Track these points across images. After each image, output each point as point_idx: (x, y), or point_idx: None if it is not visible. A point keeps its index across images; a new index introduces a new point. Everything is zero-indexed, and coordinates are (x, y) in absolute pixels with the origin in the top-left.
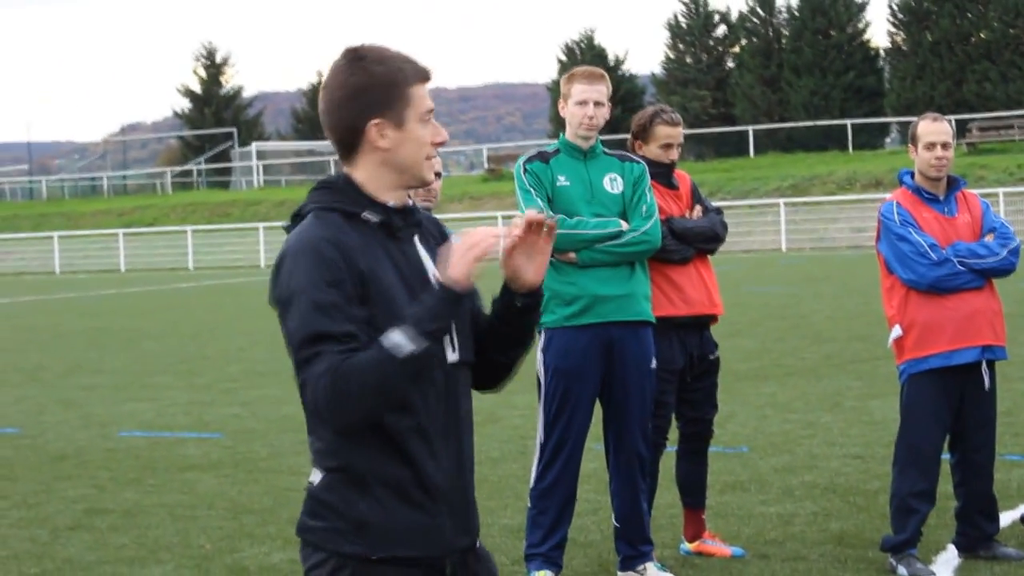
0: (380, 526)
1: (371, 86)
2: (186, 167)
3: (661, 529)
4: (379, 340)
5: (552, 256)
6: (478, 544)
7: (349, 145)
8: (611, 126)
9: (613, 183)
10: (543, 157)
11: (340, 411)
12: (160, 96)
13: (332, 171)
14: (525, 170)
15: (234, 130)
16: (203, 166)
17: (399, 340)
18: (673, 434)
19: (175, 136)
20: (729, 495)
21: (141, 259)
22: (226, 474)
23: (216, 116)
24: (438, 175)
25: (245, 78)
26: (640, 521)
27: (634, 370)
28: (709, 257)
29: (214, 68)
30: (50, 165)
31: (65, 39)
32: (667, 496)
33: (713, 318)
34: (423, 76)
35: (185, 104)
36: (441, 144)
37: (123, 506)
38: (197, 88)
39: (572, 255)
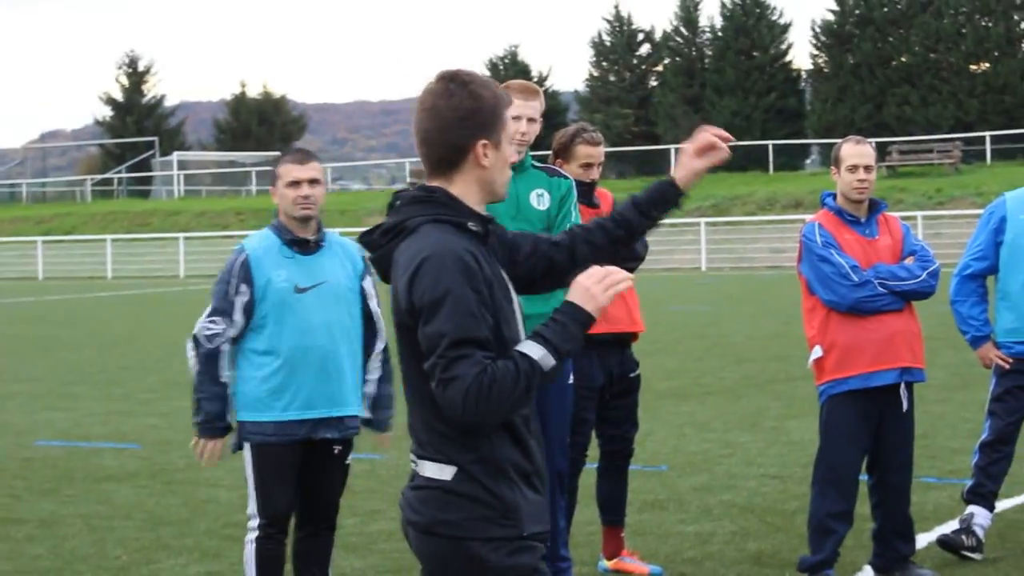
0: (522, 508)
1: (480, 110)
2: (107, 176)
3: (579, 546)
4: (523, 352)
5: None
6: None
7: (451, 162)
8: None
9: (540, 199)
10: None
11: (489, 411)
12: (81, 104)
13: (254, 183)
14: None
15: (156, 139)
16: (124, 175)
17: (542, 354)
18: (593, 451)
19: (96, 144)
20: (648, 513)
21: (60, 267)
22: (143, 485)
23: (138, 125)
24: (316, 182)
25: (167, 87)
26: (557, 538)
27: (551, 387)
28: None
29: (136, 76)
30: None
31: None
32: (586, 513)
33: (633, 336)
34: (511, 101)
35: (107, 112)
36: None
37: (39, 516)
38: (119, 96)
39: None
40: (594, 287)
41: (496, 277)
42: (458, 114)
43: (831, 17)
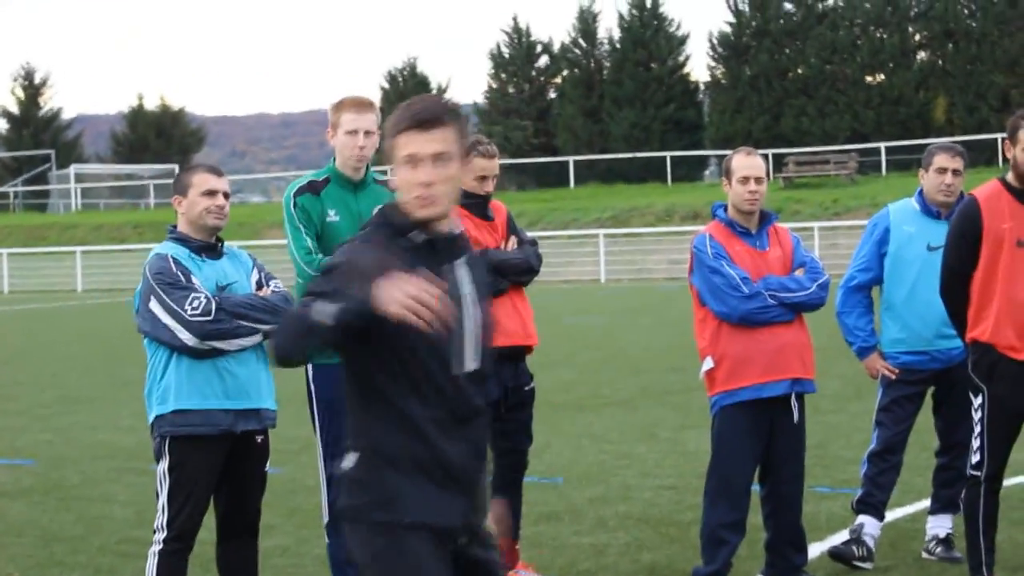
0: (407, 496)
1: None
2: (2, 189)
3: None
4: (313, 303)
5: None
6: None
7: None
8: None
9: None
10: (313, 188)
11: (279, 338)
12: None
13: (152, 196)
14: (295, 203)
15: (52, 152)
16: (20, 188)
17: (328, 311)
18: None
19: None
20: (543, 525)
21: None
22: (36, 501)
23: (34, 138)
24: (227, 195)
25: (64, 100)
26: None
27: None
28: (524, 288)
29: (32, 89)
30: None
31: None
32: None
33: (528, 349)
34: (409, 125)
35: (2, 125)
36: (426, 184)
37: None
38: (15, 109)
39: None
40: (397, 292)
41: (443, 278)
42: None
43: (728, 29)
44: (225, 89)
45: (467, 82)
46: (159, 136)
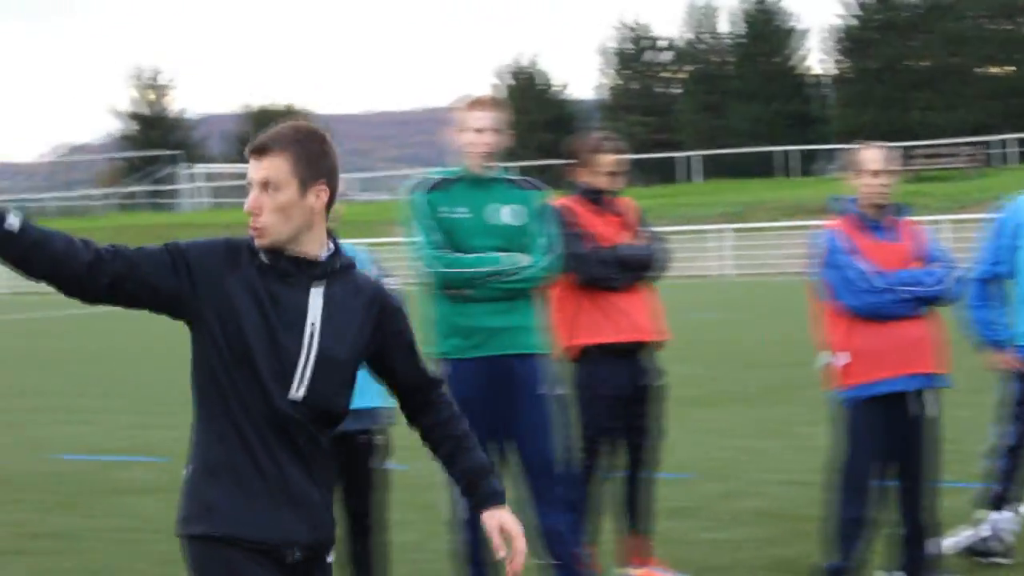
0: (220, 508)
1: None
2: (129, 189)
3: (607, 555)
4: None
5: (443, 289)
6: (330, 559)
7: None
8: (544, 151)
9: (511, 214)
10: (440, 185)
11: None
12: (104, 117)
13: None
14: (419, 200)
15: (178, 152)
16: (147, 188)
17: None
18: (620, 460)
19: (119, 157)
20: (673, 521)
21: None
22: (170, 498)
23: (161, 137)
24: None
25: (188, 100)
26: (561, 538)
27: (525, 399)
28: (651, 284)
29: (158, 89)
30: None
31: (8, 59)
32: (612, 522)
33: (657, 344)
34: (253, 150)
35: (128, 126)
36: (248, 212)
37: (63, 530)
38: (141, 109)
39: (462, 289)
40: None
41: (286, 312)
42: None
43: (851, 22)
44: (347, 87)
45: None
46: None
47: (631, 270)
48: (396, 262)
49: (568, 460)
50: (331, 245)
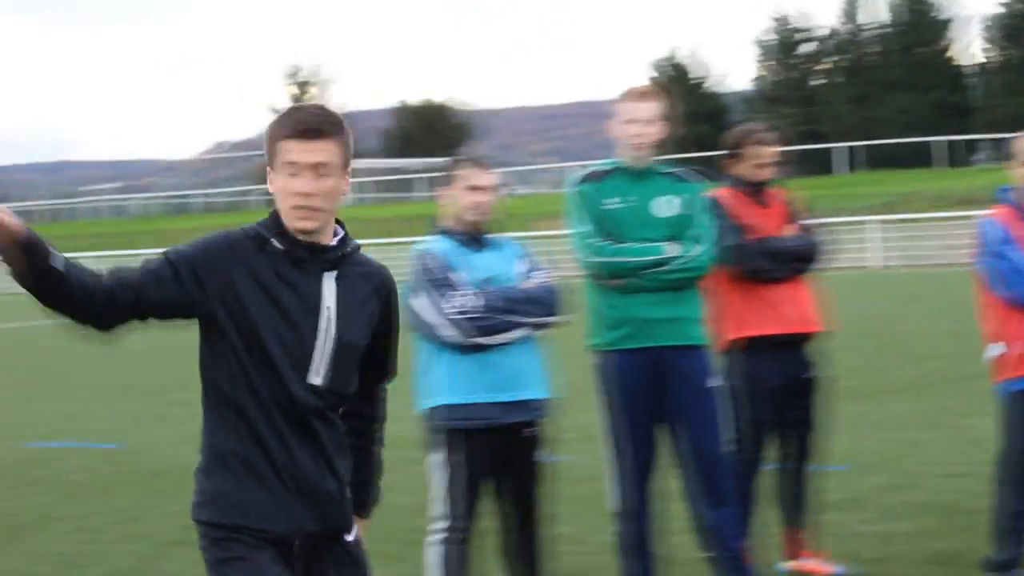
0: (231, 497)
1: (264, 139)
2: None
3: (761, 548)
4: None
5: (599, 280)
6: (350, 538)
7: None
8: (699, 143)
9: (666, 205)
10: (595, 177)
11: None
12: (250, 114)
13: (421, 192)
14: (577, 191)
15: None
16: None
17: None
18: (780, 452)
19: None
20: (830, 513)
21: None
22: None
23: None
24: (494, 190)
25: (333, 96)
26: (723, 531)
27: (690, 391)
28: (806, 276)
29: (303, 86)
30: (142, 183)
31: (159, 57)
32: (768, 514)
33: (811, 336)
34: (292, 132)
35: None
36: (301, 194)
37: None
38: (288, 106)
39: (616, 280)
40: None
41: (297, 299)
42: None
43: (1001, 11)
44: (491, 83)
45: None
46: (427, 130)
47: (790, 262)
48: (553, 255)
49: (729, 453)
50: (339, 230)
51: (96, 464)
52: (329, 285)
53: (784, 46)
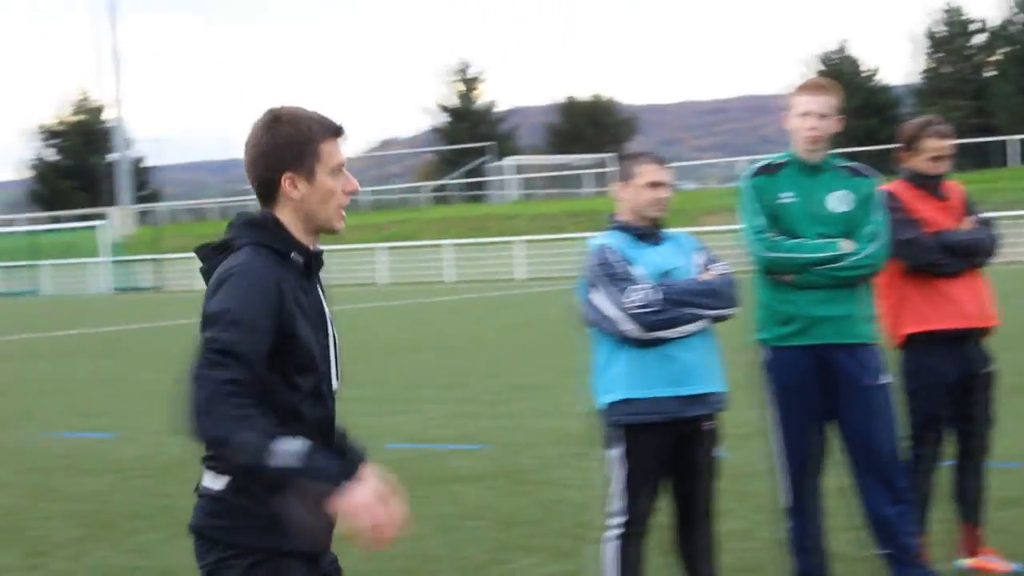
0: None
1: (282, 145)
2: (442, 181)
3: (937, 544)
4: (279, 437)
5: (769, 275)
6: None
7: (265, 194)
8: (867, 136)
9: (840, 200)
10: (769, 170)
11: (205, 422)
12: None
13: (587, 188)
14: (749, 185)
15: (490, 144)
16: (459, 180)
17: (286, 449)
18: (950, 449)
19: (431, 151)
20: (1006, 510)
21: (399, 273)
22: (493, 485)
23: (471, 130)
24: (670, 186)
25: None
26: (893, 529)
27: (860, 389)
28: (981, 269)
29: (469, 83)
30: None
31: (322, 56)
32: (943, 511)
33: (987, 331)
34: (333, 132)
35: (441, 119)
36: (353, 192)
37: None
38: (452, 103)
39: (788, 275)
40: (361, 506)
41: (313, 309)
42: (262, 150)
43: None
44: (656, 77)
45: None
46: (592, 126)
47: (961, 256)
48: (720, 251)
49: (898, 449)
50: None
51: None
52: (319, 289)
53: (943, 38)
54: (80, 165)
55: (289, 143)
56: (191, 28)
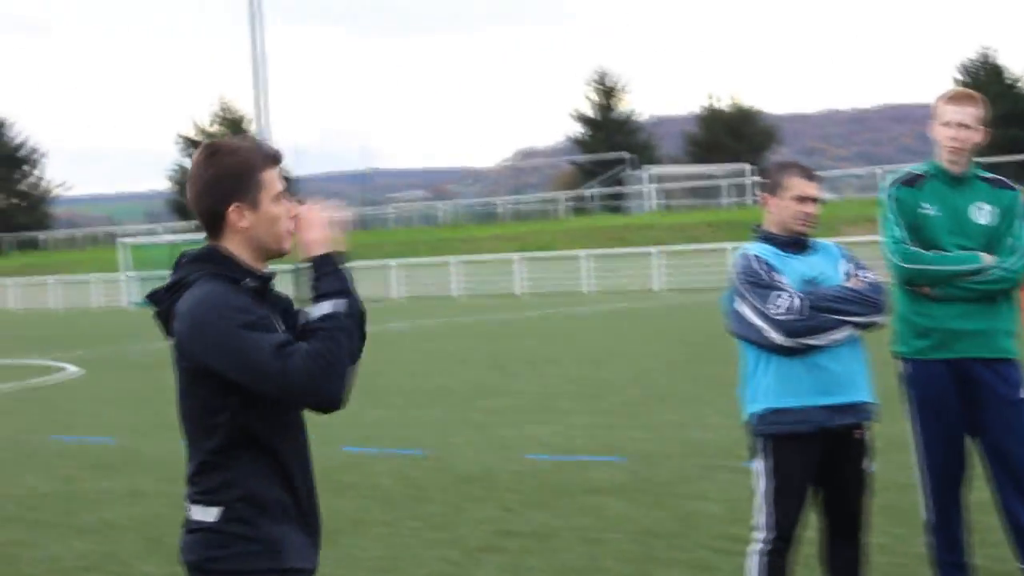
0: (285, 543)
1: (224, 177)
2: (580, 191)
3: None
4: (319, 315)
5: (908, 287)
6: None
7: (213, 226)
8: (1011, 145)
9: (981, 212)
10: (911, 181)
11: (335, 373)
12: (554, 122)
13: (726, 198)
14: (890, 195)
15: (627, 154)
16: (597, 190)
17: (333, 304)
18: None
19: (569, 161)
20: None
21: (536, 283)
22: (632, 498)
23: (610, 140)
24: (816, 200)
25: (638, 102)
26: None
27: (1001, 404)
28: None
29: (608, 93)
30: (447, 191)
31: (461, 68)
32: None
33: None
34: (272, 160)
35: (579, 129)
36: (296, 217)
37: (532, 528)
38: (591, 113)
39: (927, 288)
40: (306, 236)
41: (268, 316)
42: (206, 183)
43: None
44: (796, 86)
45: None
46: (732, 136)
47: None
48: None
49: None
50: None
51: (408, 469)
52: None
53: None
54: None
55: (232, 174)
56: (333, 39)
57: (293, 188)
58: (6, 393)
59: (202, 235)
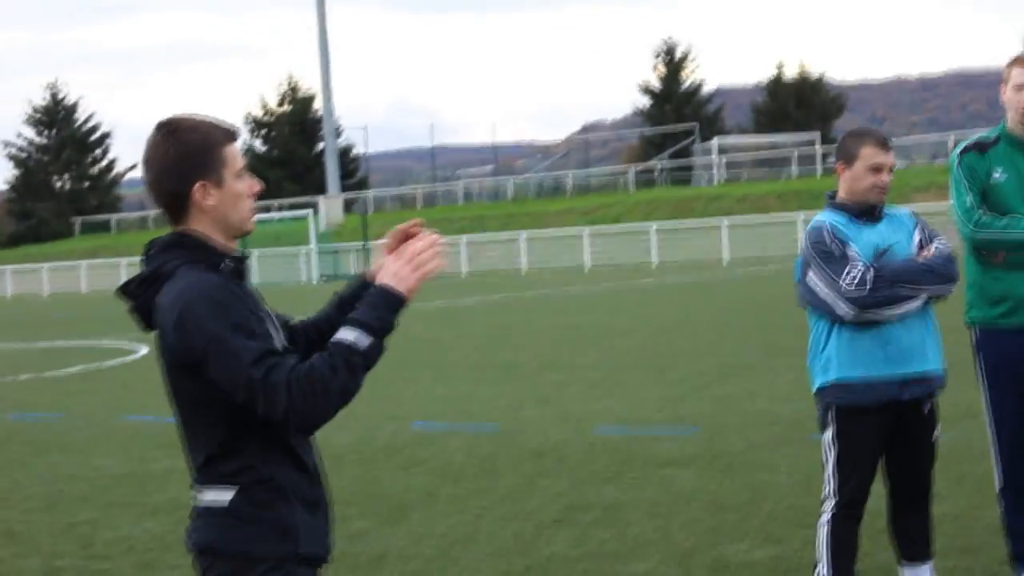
0: (299, 527)
1: (188, 155)
2: (648, 164)
3: None
4: (336, 339)
5: (979, 254)
6: None
7: (178, 208)
8: None
9: None
10: (980, 147)
11: (315, 401)
12: (620, 95)
13: (794, 168)
14: (960, 162)
15: (695, 126)
16: (665, 163)
17: (356, 335)
18: None
19: (636, 133)
20: None
21: (605, 257)
22: (703, 469)
23: (676, 112)
24: (885, 169)
25: (705, 73)
26: None
27: None
28: None
29: (674, 65)
30: (514, 166)
31: (529, 43)
32: None
33: None
34: (231, 136)
35: (645, 101)
36: (257, 193)
37: (603, 502)
38: (657, 85)
39: (1000, 254)
40: (403, 269)
41: (255, 306)
42: (167, 163)
43: None
44: (863, 54)
45: None
46: (799, 105)
47: None
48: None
49: None
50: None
51: (478, 444)
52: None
53: None
54: (289, 155)
55: (195, 151)
56: (402, 19)
57: (361, 165)
58: (79, 374)
59: (279, 215)
